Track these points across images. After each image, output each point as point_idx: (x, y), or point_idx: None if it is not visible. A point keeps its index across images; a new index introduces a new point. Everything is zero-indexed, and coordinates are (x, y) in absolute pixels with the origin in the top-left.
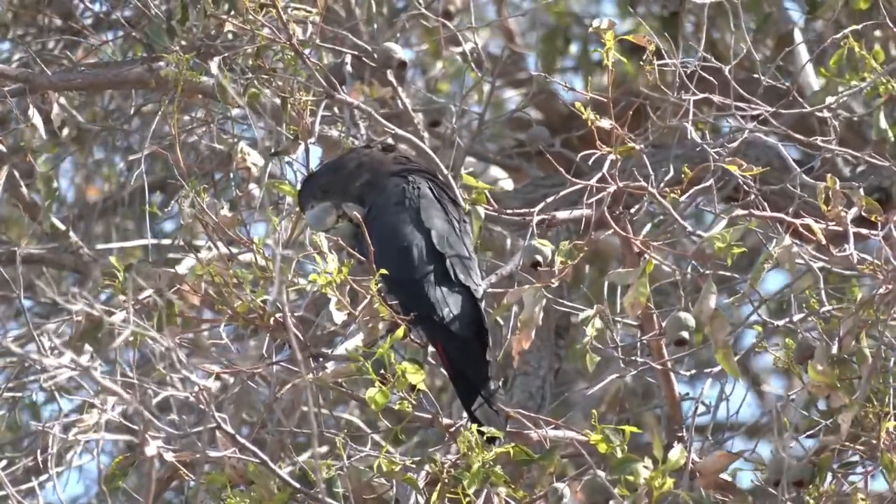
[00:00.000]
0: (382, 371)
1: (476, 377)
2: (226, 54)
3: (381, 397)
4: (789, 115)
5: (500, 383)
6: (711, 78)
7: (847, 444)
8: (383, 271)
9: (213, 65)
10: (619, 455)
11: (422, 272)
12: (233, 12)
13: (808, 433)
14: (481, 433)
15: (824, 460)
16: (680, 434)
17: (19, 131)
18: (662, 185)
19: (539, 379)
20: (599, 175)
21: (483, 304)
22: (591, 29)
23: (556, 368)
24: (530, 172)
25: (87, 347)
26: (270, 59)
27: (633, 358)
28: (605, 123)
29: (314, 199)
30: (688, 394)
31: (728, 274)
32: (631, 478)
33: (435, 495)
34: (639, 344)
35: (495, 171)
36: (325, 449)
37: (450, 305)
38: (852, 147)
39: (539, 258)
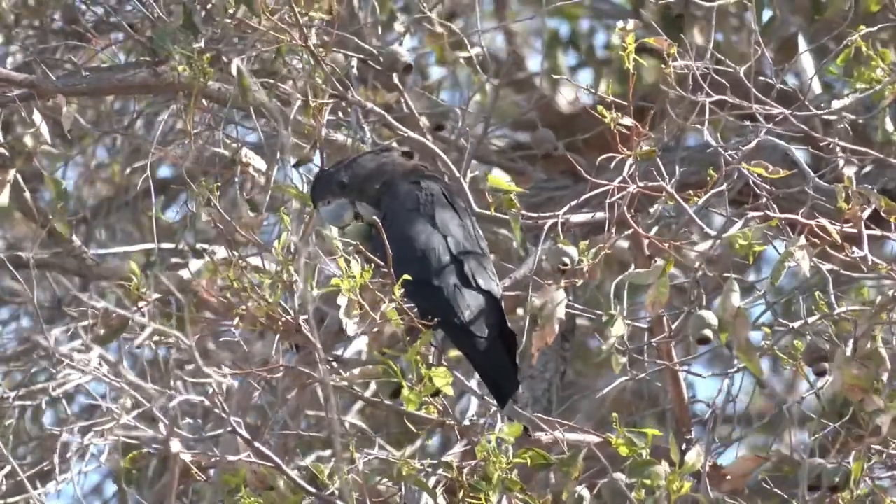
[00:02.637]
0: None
1: (501, 378)
2: (243, 56)
3: (415, 396)
4: (796, 117)
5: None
6: (723, 80)
7: (879, 447)
8: (406, 277)
9: (234, 66)
10: (643, 458)
11: (440, 276)
12: (247, 14)
13: (816, 435)
14: (526, 430)
15: (857, 465)
16: (689, 437)
17: (23, 135)
18: (673, 182)
19: (545, 382)
20: (620, 178)
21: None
22: (617, 30)
23: (562, 371)
24: (534, 175)
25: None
26: (287, 62)
27: (643, 359)
28: (628, 121)
29: (331, 195)
30: (693, 395)
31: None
32: (649, 481)
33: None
34: (646, 346)
35: (498, 174)
36: (329, 452)
37: (471, 308)
38: (849, 135)
39: (566, 260)
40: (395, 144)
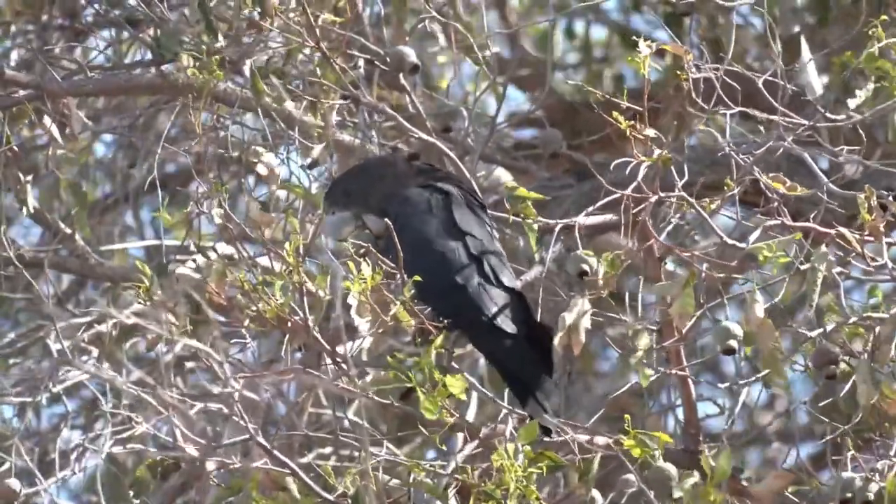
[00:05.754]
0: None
1: (529, 376)
2: (254, 58)
3: (433, 404)
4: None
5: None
6: (735, 84)
7: None
8: (417, 278)
9: (247, 69)
10: (658, 462)
11: (463, 275)
12: (261, 14)
13: (824, 440)
14: (545, 429)
15: (892, 481)
16: (699, 436)
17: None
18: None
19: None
20: (634, 184)
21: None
22: (633, 55)
23: (568, 371)
24: (537, 174)
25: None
26: (296, 64)
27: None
28: (650, 132)
29: (336, 206)
30: (701, 395)
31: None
32: (680, 493)
33: None
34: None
35: (501, 173)
36: (329, 450)
37: (497, 305)
38: (863, 147)
39: (586, 267)
40: (400, 146)
